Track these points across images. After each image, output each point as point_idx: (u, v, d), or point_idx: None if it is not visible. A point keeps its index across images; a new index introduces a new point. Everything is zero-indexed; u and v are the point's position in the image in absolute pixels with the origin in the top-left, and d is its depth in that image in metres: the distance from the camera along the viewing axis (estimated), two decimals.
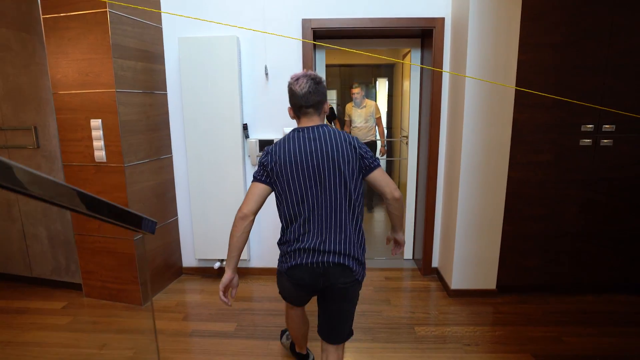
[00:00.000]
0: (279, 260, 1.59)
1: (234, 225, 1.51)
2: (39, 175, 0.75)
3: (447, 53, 2.72)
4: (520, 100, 2.41)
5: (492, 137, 2.49)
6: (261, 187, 1.52)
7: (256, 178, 1.54)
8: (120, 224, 1.01)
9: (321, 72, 2.79)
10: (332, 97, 5.48)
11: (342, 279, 1.49)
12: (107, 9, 2.22)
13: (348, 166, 1.48)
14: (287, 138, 1.53)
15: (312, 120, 1.55)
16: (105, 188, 2.49)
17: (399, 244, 1.79)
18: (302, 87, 1.51)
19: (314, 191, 1.47)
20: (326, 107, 1.60)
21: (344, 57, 5.10)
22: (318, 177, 1.46)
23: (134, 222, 1.05)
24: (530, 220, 2.58)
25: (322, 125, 1.54)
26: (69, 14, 2.29)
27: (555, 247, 2.61)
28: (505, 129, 2.46)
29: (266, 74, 2.76)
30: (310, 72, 1.55)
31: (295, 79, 1.53)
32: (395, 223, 1.71)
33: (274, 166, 1.49)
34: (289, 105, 1.60)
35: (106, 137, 2.42)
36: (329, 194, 1.47)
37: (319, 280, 1.49)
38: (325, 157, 1.47)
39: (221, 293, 1.55)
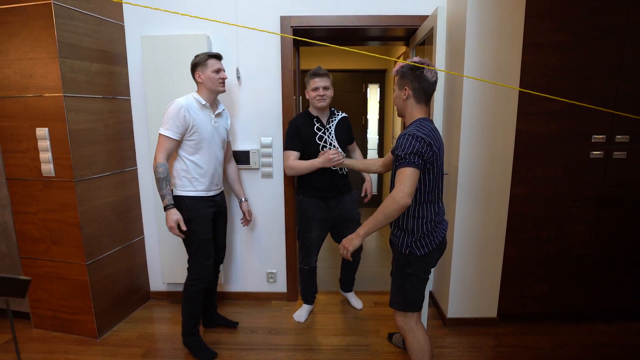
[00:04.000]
0: (426, 244, 1.60)
1: (398, 209, 1.48)
2: None
3: (443, 55, 2.45)
4: (524, 108, 2.14)
5: (494, 150, 2.22)
6: (418, 174, 1.51)
7: (417, 165, 1.49)
8: None
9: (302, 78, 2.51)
10: None
11: None
12: (51, 1, 1.92)
13: None
14: (429, 128, 1.56)
15: (427, 109, 1.64)
16: (55, 206, 2.18)
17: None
18: (433, 76, 1.59)
19: (442, 174, 1.66)
20: None
21: (328, 61, 4.82)
22: (442, 163, 1.66)
23: None
24: (536, 242, 2.30)
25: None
26: (7, 6, 1.99)
27: (564, 271, 2.33)
28: (507, 140, 2.19)
29: (238, 78, 2.46)
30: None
31: (427, 65, 1.57)
32: None
33: (432, 155, 1.53)
34: (405, 86, 1.61)
35: (54, 148, 2.11)
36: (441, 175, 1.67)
37: None
38: (443, 146, 1.66)
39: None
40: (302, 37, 2.64)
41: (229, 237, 2.67)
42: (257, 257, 2.75)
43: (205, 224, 2.08)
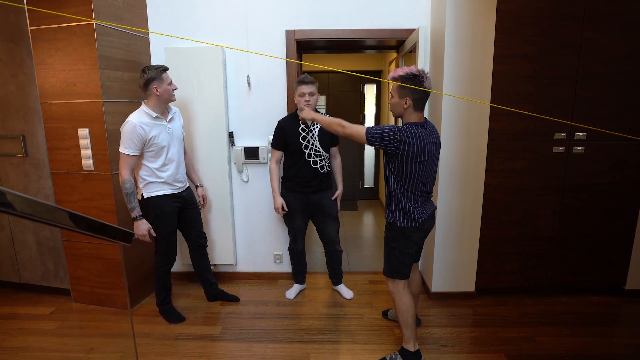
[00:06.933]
0: (407, 220, 1.93)
1: (339, 130, 1.94)
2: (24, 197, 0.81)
3: (428, 64, 2.81)
4: (495, 109, 2.49)
5: (470, 146, 2.57)
6: (365, 129, 1.88)
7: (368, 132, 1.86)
8: (99, 236, 1.08)
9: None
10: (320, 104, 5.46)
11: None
12: (94, 21, 2.27)
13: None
14: (415, 130, 1.83)
15: (421, 114, 1.91)
16: (93, 195, 2.55)
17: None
18: (430, 85, 1.85)
19: (432, 169, 1.95)
20: None
21: (329, 64, 5.17)
22: (434, 161, 1.95)
23: (111, 234, 1.11)
24: (507, 225, 2.67)
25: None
26: (55, 25, 2.34)
27: (531, 250, 2.71)
28: (481, 137, 2.55)
29: (248, 84, 2.82)
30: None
31: (425, 76, 1.81)
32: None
33: (404, 150, 1.82)
34: (406, 96, 1.84)
35: (93, 145, 2.47)
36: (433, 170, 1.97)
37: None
38: (434, 145, 1.90)
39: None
40: (305, 47, 3.00)
41: (245, 225, 3.05)
42: (265, 241, 3.12)
43: (169, 219, 2.40)
